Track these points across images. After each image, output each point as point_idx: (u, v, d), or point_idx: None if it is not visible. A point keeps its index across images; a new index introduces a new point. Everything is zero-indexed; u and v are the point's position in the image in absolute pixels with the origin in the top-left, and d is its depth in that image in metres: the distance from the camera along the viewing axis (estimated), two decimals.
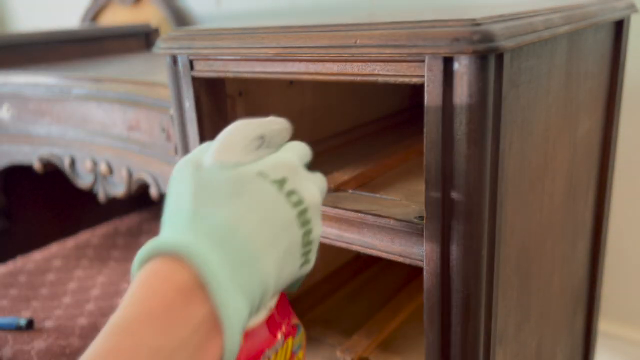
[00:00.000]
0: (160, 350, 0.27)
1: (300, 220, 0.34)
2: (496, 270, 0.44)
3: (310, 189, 0.36)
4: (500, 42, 0.37)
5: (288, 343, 0.43)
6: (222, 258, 0.29)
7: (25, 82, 0.90)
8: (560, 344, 0.70)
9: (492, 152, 0.40)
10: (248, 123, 0.37)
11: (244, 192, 0.33)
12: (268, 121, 0.38)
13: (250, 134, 0.36)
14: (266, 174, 0.34)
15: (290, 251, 0.34)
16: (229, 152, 0.35)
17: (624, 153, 0.90)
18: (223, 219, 0.31)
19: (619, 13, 0.62)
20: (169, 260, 0.29)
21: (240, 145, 0.35)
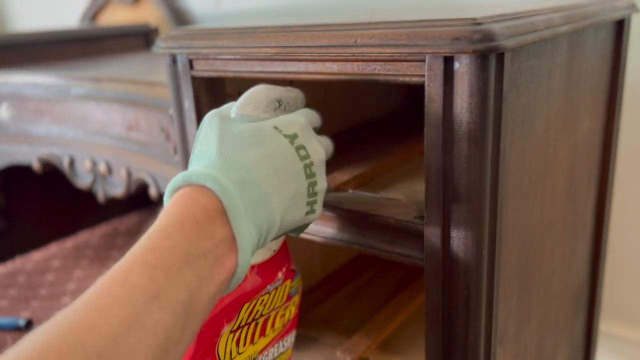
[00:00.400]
0: (189, 255, 0.32)
1: (306, 171, 0.40)
2: (497, 271, 0.44)
3: (317, 147, 0.41)
4: (500, 41, 0.37)
5: (286, 284, 0.50)
6: (240, 193, 0.35)
7: (24, 82, 0.90)
8: (561, 345, 0.69)
9: (493, 152, 0.40)
10: (269, 87, 0.43)
11: (261, 142, 0.38)
12: (286, 89, 0.44)
13: (271, 95, 0.42)
14: (280, 129, 0.40)
15: (296, 197, 0.39)
16: (252, 108, 0.41)
17: (625, 153, 0.90)
18: (243, 163, 0.37)
19: (619, 12, 0.62)
20: (197, 189, 0.35)
21: (263, 103, 0.42)
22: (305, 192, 0.40)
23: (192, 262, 0.32)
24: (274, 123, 0.40)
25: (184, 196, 0.35)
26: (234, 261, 0.34)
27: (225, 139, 0.38)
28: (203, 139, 0.39)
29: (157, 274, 0.30)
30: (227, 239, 0.34)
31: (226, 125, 0.40)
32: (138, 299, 0.29)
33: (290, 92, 0.44)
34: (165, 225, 0.33)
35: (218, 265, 0.33)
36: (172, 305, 0.30)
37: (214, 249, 0.33)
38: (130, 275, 0.30)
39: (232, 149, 0.37)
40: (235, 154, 0.37)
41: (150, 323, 0.29)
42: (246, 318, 0.47)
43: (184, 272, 0.31)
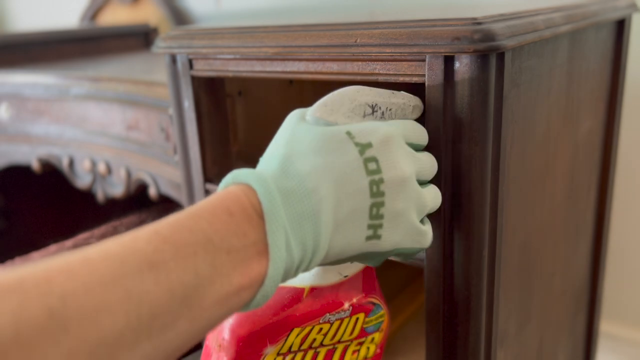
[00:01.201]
0: (211, 242, 0.29)
1: (372, 189, 0.34)
2: (497, 271, 0.43)
3: (396, 163, 0.35)
4: (501, 41, 0.37)
5: (359, 317, 0.44)
6: (284, 201, 0.32)
7: (23, 82, 0.90)
8: (562, 345, 0.69)
9: (493, 152, 0.40)
10: (361, 89, 0.38)
11: (326, 148, 0.34)
12: (390, 93, 0.38)
13: (359, 99, 0.37)
14: (353, 135, 0.35)
15: (353, 216, 0.34)
16: (329, 111, 0.36)
17: (626, 153, 0.90)
18: (298, 170, 0.33)
19: (620, 12, 0.62)
20: (242, 187, 0.32)
21: (345, 107, 0.36)
22: (367, 212, 0.34)
23: (211, 251, 0.29)
24: (348, 128, 0.35)
25: (227, 191, 0.32)
26: (263, 269, 0.31)
27: (290, 143, 0.35)
28: (274, 140, 0.37)
29: (165, 246, 0.28)
30: (260, 243, 0.31)
31: (297, 128, 0.36)
32: (132, 262, 0.26)
33: (395, 98, 0.38)
34: (195, 209, 0.31)
35: (242, 266, 0.30)
36: (170, 284, 0.27)
37: (242, 249, 0.30)
38: (136, 241, 0.28)
39: (293, 154, 0.34)
40: (295, 159, 0.34)
41: (136, 289, 0.26)
42: (299, 344, 0.42)
43: (198, 257, 0.28)
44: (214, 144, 0.58)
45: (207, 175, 0.58)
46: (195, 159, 0.57)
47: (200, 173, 0.57)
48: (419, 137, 0.38)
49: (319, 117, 0.36)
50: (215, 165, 0.58)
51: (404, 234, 0.36)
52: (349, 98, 0.37)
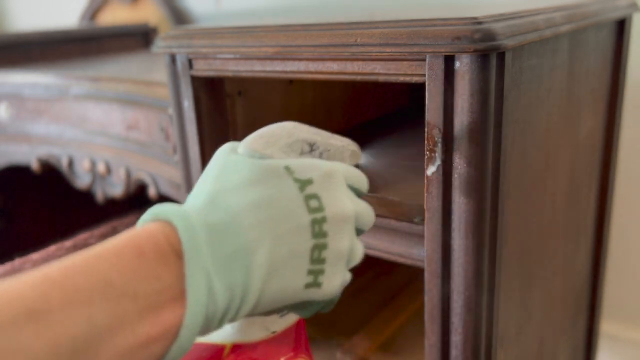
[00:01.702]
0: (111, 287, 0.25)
1: (314, 228, 0.30)
2: (497, 271, 0.43)
3: (340, 202, 0.32)
4: (501, 40, 0.37)
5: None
6: (209, 238, 0.28)
7: (23, 82, 0.90)
8: (562, 345, 0.69)
9: (494, 152, 0.40)
10: (300, 125, 0.35)
11: (261, 182, 0.31)
12: (328, 134, 0.36)
13: (297, 135, 0.34)
14: (292, 170, 0.31)
15: (291, 260, 0.30)
16: (264, 144, 0.33)
17: (626, 152, 0.90)
18: (228, 204, 0.30)
19: (620, 12, 0.62)
20: (163, 224, 0.28)
21: (282, 141, 0.34)
22: (307, 256, 0.30)
23: (112, 297, 0.25)
24: (287, 163, 0.32)
25: (141, 228, 0.28)
26: (179, 318, 0.26)
27: (221, 176, 0.31)
28: (202, 176, 0.33)
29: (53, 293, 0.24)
30: (176, 287, 0.27)
31: (228, 160, 0.32)
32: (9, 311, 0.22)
33: (334, 140, 0.36)
34: (98, 248, 0.27)
35: (152, 314, 0.26)
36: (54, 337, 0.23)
37: (152, 294, 0.26)
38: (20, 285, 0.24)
39: (224, 187, 0.30)
40: (226, 193, 0.30)
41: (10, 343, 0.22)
42: None
43: (94, 305, 0.24)
44: (213, 144, 0.58)
45: None
46: (195, 159, 0.57)
47: (200, 173, 0.57)
48: (360, 182, 0.35)
49: (254, 149, 0.33)
50: None
51: (341, 280, 0.32)
52: (287, 132, 0.34)
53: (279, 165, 0.31)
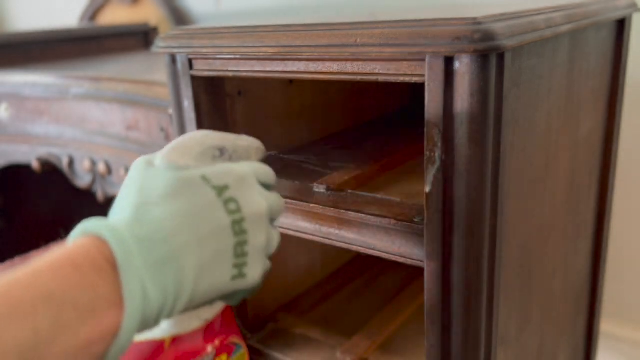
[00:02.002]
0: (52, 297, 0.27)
1: (234, 228, 0.34)
2: (497, 271, 0.43)
3: (253, 200, 0.36)
4: (501, 41, 0.37)
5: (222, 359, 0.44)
6: (141, 249, 0.31)
7: (23, 82, 0.90)
8: (562, 345, 0.69)
9: (494, 152, 0.40)
10: (208, 134, 0.39)
11: (182, 192, 0.34)
12: (235, 136, 0.39)
13: (207, 143, 0.38)
14: (209, 179, 0.35)
15: (218, 257, 0.34)
16: (179, 155, 0.36)
17: (626, 152, 0.90)
18: (153, 217, 0.33)
19: (620, 12, 0.62)
20: (93, 239, 0.31)
21: (195, 151, 0.37)
22: (231, 252, 0.34)
23: (53, 306, 0.27)
24: (203, 172, 0.35)
25: (73, 244, 0.31)
26: (117, 321, 0.29)
27: (143, 190, 0.34)
28: (123, 189, 0.36)
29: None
30: (113, 294, 0.30)
31: (147, 174, 0.35)
32: None
33: (240, 141, 0.39)
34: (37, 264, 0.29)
35: (92, 319, 0.28)
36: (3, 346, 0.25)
37: (90, 302, 0.29)
38: None
39: (147, 201, 0.33)
40: (150, 206, 0.33)
41: None
42: None
43: (38, 314, 0.27)
44: None
45: None
46: None
47: None
48: (267, 177, 0.40)
49: (170, 161, 0.36)
50: None
51: (262, 269, 0.37)
52: (197, 142, 0.37)
53: (196, 175, 0.35)
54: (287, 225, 0.53)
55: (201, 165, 0.36)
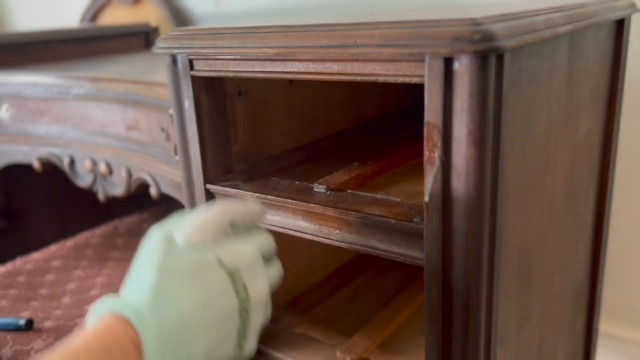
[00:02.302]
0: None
1: (242, 314, 0.39)
2: (497, 271, 0.43)
3: (259, 285, 0.40)
4: (500, 41, 0.37)
5: None
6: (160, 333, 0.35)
7: (24, 82, 0.90)
8: (561, 344, 0.69)
9: (493, 152, 0.40)
10: (223, 210, 0.42)
11: (199, 276, 0.37)
12: (242, 209, 0.43)
13: (223, 221, 0.41)
14: (223, 262, 0.39)
15: (223, 340, 0.38)
16: (198, 236, 0.39)
17: (625, 153, 0.90)
18: (173, 299, 0.36)
19: (619, 12, 0.62)
20: (119, 320, 0.34)
21: (211, 231, 0.40)
22: (235, 333, 0.39)
23: None
24: (217, 254, 0.39)
25: (103, 324, 0.34)
26: None
27: (164, 271, 0.37)
28: (142, 261, 0.38)
29: None
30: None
31: (168, 253, 0.38)
32: None
33: (247, 211, 0.43)
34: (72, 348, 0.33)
35: None
36: None
37: None
38: None
39: (167, 284, 0.36)
40: (169, 291, 0.36)
41: None
42: None
43: None
44: (214, 144, 0.58)
45: (207, 176, 0.58)
46: (195, 159, 0.57)
47: (201, 173, 0.57)
48: (269, 249, 0.44)
49: (189, 242, 0.39)
50: (215, 166, 0.58)
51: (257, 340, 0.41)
52: (214, 222, 0.40)
53: (212, 258, 0.39)
54: (287, 225, 0.53)
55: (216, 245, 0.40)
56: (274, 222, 0.54)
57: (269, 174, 0.59)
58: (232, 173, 0.60)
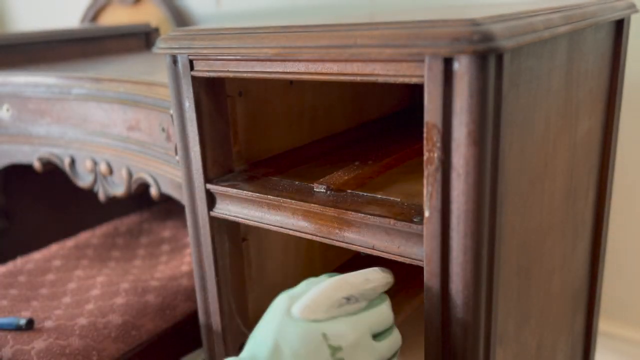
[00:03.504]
0: None
1: None
2: (496, 271, 0.44)
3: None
4: (500, 42, 0.37)
5: None
6: None
7: (25, 82, 0.90)
8: (561, 344, 0.70)
9: (492, 152, 0.40)
10: (339, 286, 0.44)
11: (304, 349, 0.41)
12: (363, 281, 0.45)
13: (337, 295, 0.43)
14: (328, 337, 0.42)
15: None
16: (311, 312, 0.43)
17: (624, 153, 0.90)
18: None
19: (618, 13, 0.62)
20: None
21: (325, 305, 0.43)
22: None
23: None
24: (324, 329, 0.42)
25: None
26: None
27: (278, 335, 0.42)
28: (266, 322, 0.44)
29: None
30: None
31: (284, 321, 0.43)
32: None
33: (369, 284, 0.45)
34: None
35: None
36: None
37: None
38: None
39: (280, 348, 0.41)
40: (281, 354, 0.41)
41: None
42: None
43: None
44: (214, 144, 0.58)
45: (207, 176, 0.58)
46: (196, 159, 0.58)
47: (201, 173, 0.58)
48: (384, 324, 0.45)
49: (303, 317, 0.43)
50: (215, 166, 0.59)
51: None
52: (328, 297, 0.43)
53: (319, 331, 0.42)
54: (287, 225, 0.53)
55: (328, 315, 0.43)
56: (274, 222, 0.54)
57: (269, 174, 0.60)
58: (232, 173, 0.60)
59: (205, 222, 0.59)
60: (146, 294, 0.88)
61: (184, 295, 0.89)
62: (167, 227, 1.16)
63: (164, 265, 1.00)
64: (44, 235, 1.19)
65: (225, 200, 0.57)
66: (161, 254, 1.05)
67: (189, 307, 0.89)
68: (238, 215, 0.57)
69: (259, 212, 0.55)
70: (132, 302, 0.85)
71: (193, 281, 0.79)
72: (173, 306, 0.87)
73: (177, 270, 0.96)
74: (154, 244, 1.10)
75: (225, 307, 0.62)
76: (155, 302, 0.86)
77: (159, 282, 0.91)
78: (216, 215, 0.58)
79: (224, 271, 0.61)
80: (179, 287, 0.90)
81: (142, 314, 0.84)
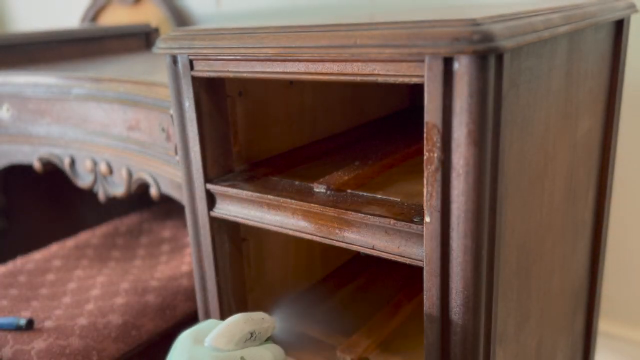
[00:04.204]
0: None
1: None
2: (496, 271, 0.44)
3: None
4: (500, 42, 0.37)
5: None
6: None
7: (25, 82, 0.90)
8: (560, 344, 0.70)
9: (492, 152, 0.40)
10: (246, 319, 0.47)
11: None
12: (261, 319, 0.48)
13: (245, 329, 0.46)
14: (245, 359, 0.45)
15: None
16: (224, 341, 0.45)
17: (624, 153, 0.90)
18: None
19: (618, 13, 0.63)
20: None
21: (237, 337, 0.46)
22: None
23: None
24: (242, 354, 0.45)
25: None
26: None
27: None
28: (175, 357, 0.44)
29: None
30: None
31: (196, 351, 0.44)
32: None
33: (265, 323, 0.48)
34: None
35: None
36: None
37: None
38: None
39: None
40: None
41: None
42: None
43: None
44: (214, 144, 0.58)
45: (207, 175, 0.58)
46: (195, 159, 0.58)
47: (201, 173, 0.58)
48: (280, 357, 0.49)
49: (217, 346, 0.45)
50: (215, 166, 0.59)
51: None
52: (239, 329, 0.46)
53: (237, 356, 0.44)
54: (287, 225, 0.53)
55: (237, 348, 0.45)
56: (274, 222, 0.54)
57: (269, 174, 0.60)
58: (232, 173, 0.60)
59: (205, 222, 0.59)
60: (146, 294, 0.88)
61: (184, 295, 0.89)
62: (167, 227, 1.16)
63: (164, 265, 1.00)
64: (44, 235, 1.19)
65: (225, 200, 0.57)
66: (161, 254, 1.05)
67: (189, 307, 0.89)
68: (238, 215, 0.57)
69: (258, 212, 0.55)
70: (132, 302, 0.85)
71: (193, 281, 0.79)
72: (173, 306, 0.87)
73: (177, 270, 0.96)
74: (154, 244, 1.10)
75: (225, 307, 0.62)
76: (155, 302, 0.86)
77: (159, 282, 0.91)
78: (216, 215, 0.58)
79: (224, 271, 0.61)
80: (179, 287, 0.91)
81: (142, 314, 0.84)
